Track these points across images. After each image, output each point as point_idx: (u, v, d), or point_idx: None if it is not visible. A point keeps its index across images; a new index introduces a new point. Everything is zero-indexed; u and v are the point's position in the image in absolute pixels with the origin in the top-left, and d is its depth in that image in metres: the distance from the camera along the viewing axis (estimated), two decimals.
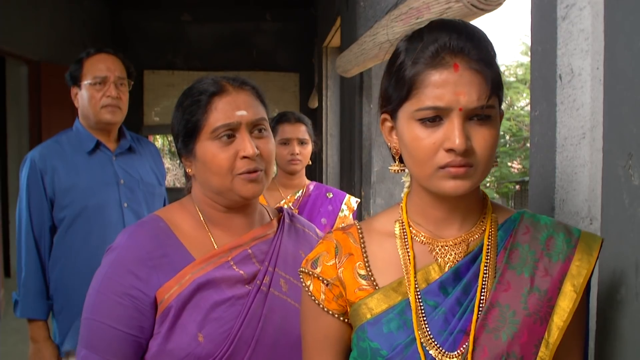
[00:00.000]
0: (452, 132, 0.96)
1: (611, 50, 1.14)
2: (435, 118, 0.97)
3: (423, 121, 0.98)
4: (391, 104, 1.04)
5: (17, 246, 2.32)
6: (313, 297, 1.11)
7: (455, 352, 1.00)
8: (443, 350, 1.00)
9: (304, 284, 1.13)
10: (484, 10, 1.69)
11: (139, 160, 2.50)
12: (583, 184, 1.25)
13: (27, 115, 6.94)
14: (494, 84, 0.98)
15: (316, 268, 1.11)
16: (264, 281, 1.35)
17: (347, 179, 4.99)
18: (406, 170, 1.10)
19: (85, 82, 2.34)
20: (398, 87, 1.02)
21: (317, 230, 1.58)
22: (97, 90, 2.33)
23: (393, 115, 1.05)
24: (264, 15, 9.82)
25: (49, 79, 6.88)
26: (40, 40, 6.89)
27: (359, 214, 4.12)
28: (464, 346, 1.00)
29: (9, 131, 7.10)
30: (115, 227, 2.24)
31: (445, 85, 0.96)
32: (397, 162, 1.10)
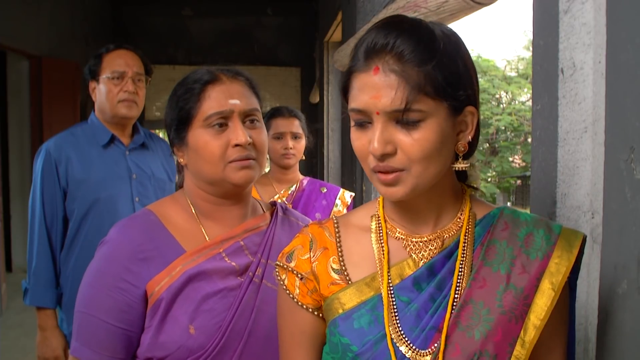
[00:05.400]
0: (373, 136, 0.95)
1: (613, 43, 1.14)
2: (364, 122, 0.97)
3: (356, 123, 0.99)
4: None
5: (29, 235, 2.35)
6: (288, 291, 1.11)
7: (427, 350, 0.98)
8: (414, 347, 0.99)
9: (278, 278, 1.13)
10: (482, 4, 1.68)
11: (151, 156, 2.53)
12: (585, 178, 1.24)
13: (29, 110, 6.95)
14: (421, 85, 0.93)
15: (291, 262, 1.11)
16: (256, 273, 1.35)
17: (348, 173, 4.99)
18: None
19: (104, 77, 2.37)
20: (342, 88, 1.03)
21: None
22: (115, 84, 2.37)
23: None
24: (265, 9, 9.80)
25: (51, 73, 6.89)
26: (41, 35, 6.89)
27: None
28: (436, 344, 0.98)
29: (10, 126, 7.12)
30: None
31: (364, 89, 0.96)
32: None
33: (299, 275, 1.10)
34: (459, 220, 1.06)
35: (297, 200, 2.73)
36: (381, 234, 1.08)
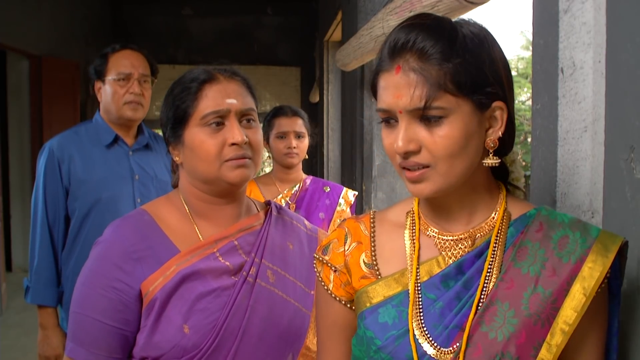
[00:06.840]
0: (398, 134, 0.97)
1: (613, 43, 1.14)
2: (389, 119, 0.99)
3: (385, 122, 1.01)
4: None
5: (32, 233, 2.36)
6: (323, 283, 1.14)
7: (449, 348, 0.98)
8: (436, 345, 0.98)
9: (316, 270, 1.16)
10: (475, 4, 1.68)
11: (155, 157, 2.53)
12: (585, 177, 1.24)
13: (29, 109, 6.95)
14: (442, 83, 0.93)
15: (326, 255, 1.14)
16: (250, 272, 1.36)
17: (348, 173, 4.99)
18: None
19: (109, 78, 2.37)
20: (371, 87, 1.05)
21: (306, 222, 1.58)
22: (121, 86, 2.36)
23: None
24: (265, 9, 9.80)
25: (50, 73, 6.89)
26: (41, 34, 6.89)
27: (359, 208, 4.12)
28: (459, 343, 0.97)
29: (10, 126, 7.12)
30: None
31: (387, 88, 0.98)
32: None
33: (333, 268, 1.12)
34: (492, 219, 1.05)
35: (301, 199, 2.72)
36: (414, 231, 1.09)
